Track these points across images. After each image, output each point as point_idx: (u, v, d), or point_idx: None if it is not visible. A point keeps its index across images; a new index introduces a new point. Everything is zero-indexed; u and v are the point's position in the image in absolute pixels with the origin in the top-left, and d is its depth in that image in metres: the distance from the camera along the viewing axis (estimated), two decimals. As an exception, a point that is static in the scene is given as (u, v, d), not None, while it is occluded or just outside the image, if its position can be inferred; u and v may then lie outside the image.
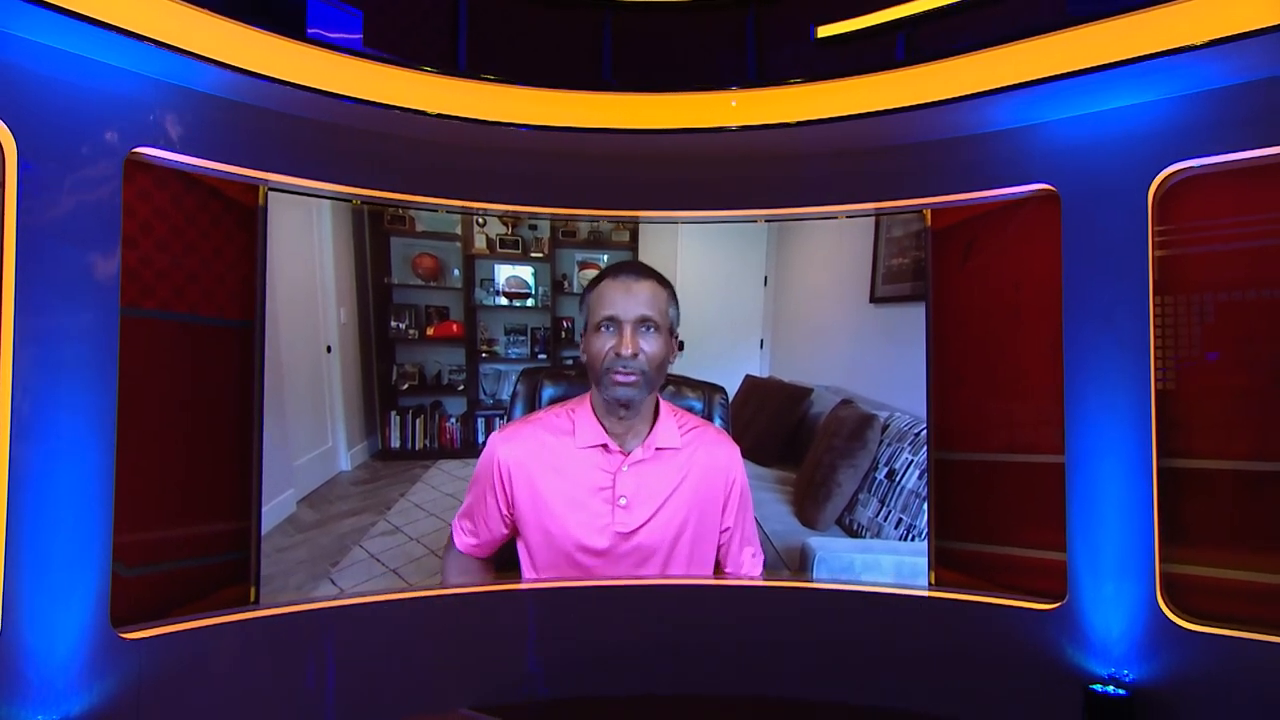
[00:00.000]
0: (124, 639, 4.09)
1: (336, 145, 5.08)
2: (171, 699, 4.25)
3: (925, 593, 5.38)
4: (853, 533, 5.64)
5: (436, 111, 4.95)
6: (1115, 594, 4.65)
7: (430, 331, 5.73)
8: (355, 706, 4.99)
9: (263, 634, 4.71)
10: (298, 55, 4.54)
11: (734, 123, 5.19)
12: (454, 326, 5.82)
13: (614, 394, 4.92)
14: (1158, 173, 4.64)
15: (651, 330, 4.94)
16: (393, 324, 5.61)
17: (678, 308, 5.21)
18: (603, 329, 4.94)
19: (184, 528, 4.65)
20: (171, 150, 4.41)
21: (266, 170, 4.88)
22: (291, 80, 4.47)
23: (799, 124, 5.12)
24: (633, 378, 4.87)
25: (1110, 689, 4.53)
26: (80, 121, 4.04)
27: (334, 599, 5.06)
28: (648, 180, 5.80)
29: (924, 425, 5.47)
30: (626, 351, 4.83)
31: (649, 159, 5.68)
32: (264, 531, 4.89)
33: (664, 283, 5.15)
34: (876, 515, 5.61)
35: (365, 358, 5.49)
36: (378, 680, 5.09)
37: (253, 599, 4.86)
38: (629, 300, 4.93)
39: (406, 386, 5.64)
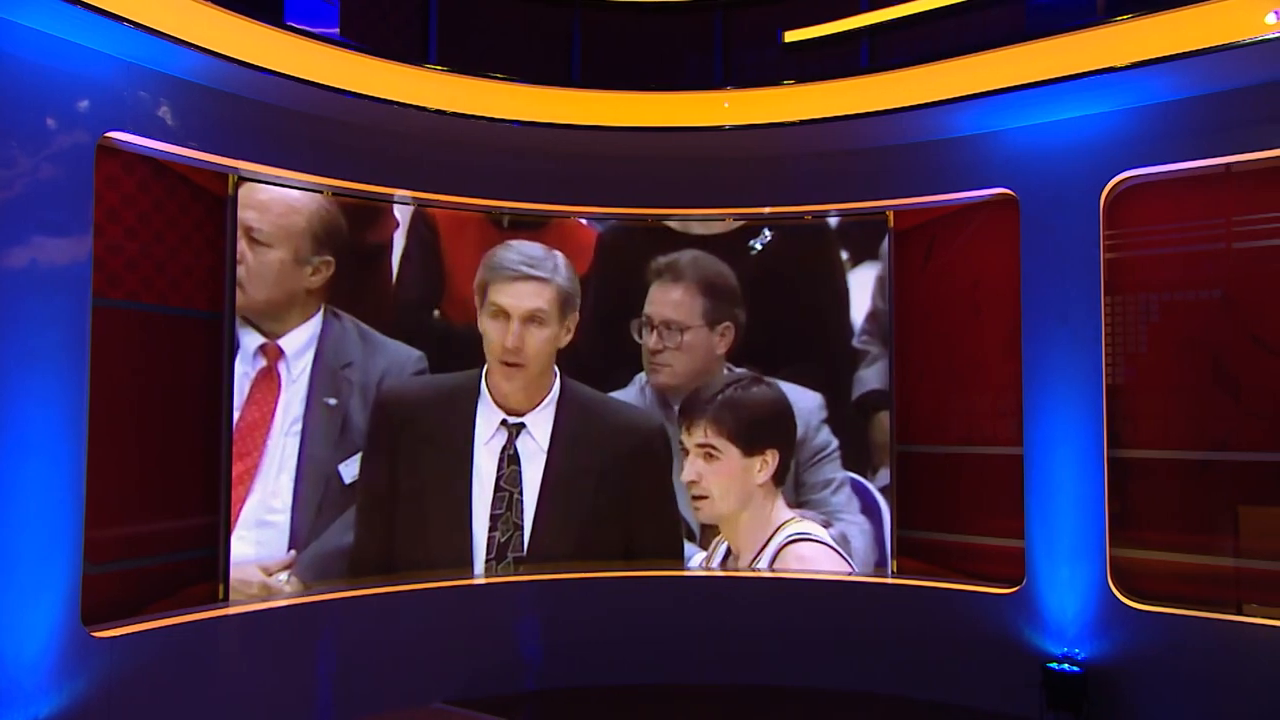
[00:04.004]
0: (95, 637, 3.96)
1: (309, 134, 5.01)
2: (144, 698, 4.13)
3: (889, 580, 5.58)
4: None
5: (430, 106, 4.98)
6: (1069, 578, 4.91)
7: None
8: (332, 701, 4.92)
9: (235, 631, 4.61)
10: (274, 42, 4.48)
11: (723, 123, 5.33)
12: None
13: None
14: (1108, 179, 4.94)
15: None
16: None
17: None
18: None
19: (151, 524, 4.52)
20: (144, 135, 4.29)
21: (238, 158, 4.78)
22: (268, 66, 4.40)
23: (776, 125, 5.28)
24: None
25: (1065, 667, 4.79)
26: (53, 103, 3.91)
27: (304, 595, 4.98)
28: (618, 177, 5.88)
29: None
30: None
31: (616, 158, 5.74)
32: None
33: None
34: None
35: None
36: (352, 675, 5.02)
37: (221, 596, 4.75)
38: None
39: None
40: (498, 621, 5.52)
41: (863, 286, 5.83)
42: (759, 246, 5.98)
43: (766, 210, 5.99)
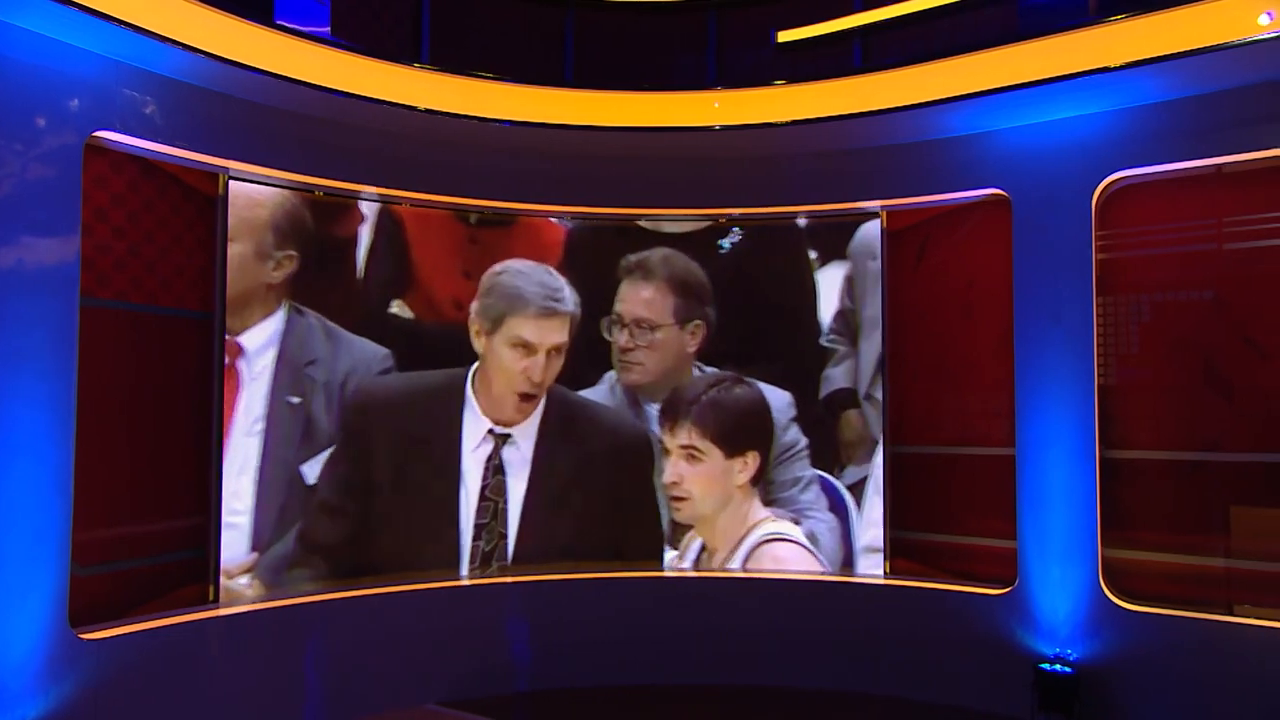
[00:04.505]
0: (83, 639, 3.94)
1: (300, 134, 4.99)
2: (131, 700, 4.10)
3: (881, 580, 5.58)
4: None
5: (421, 106, 4.95)
6: (1061, 578, 4.91)
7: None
8: (323, 703, 4.90)
9: (224, 633, 4.59)
10: (264, 41, 4.45)
11: (714, 123, 5.33)
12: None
13: None
14: (1100, 180, 4.93)
15: None
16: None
17: None
18: None
19: (140, 525, 4.50)
20: (132, 134, 4.27)
21: (228, 157, 4.75)
22: (258, 66, 4.38)
23: (768, 125, 5.28)
24: None
25: (1057, 667, 4.79)
26: (39, 102, 3.88)
27: (295, 597, 4.95)
28: (609, 177, 5.86)
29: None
30: None
31: (606, 157, 5.71)
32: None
33: None
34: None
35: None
36: (344, 677, 5.01)
37: (212, 597, 4.73)
38: None
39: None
40: (490, 622, 5.51)
41: (831, 285, 5.85)
42: (728, 245, 5.97)
43: (759, 211, 5.98)
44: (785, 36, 5.92)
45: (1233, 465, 4.65)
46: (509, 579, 5.61)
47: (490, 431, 5.63)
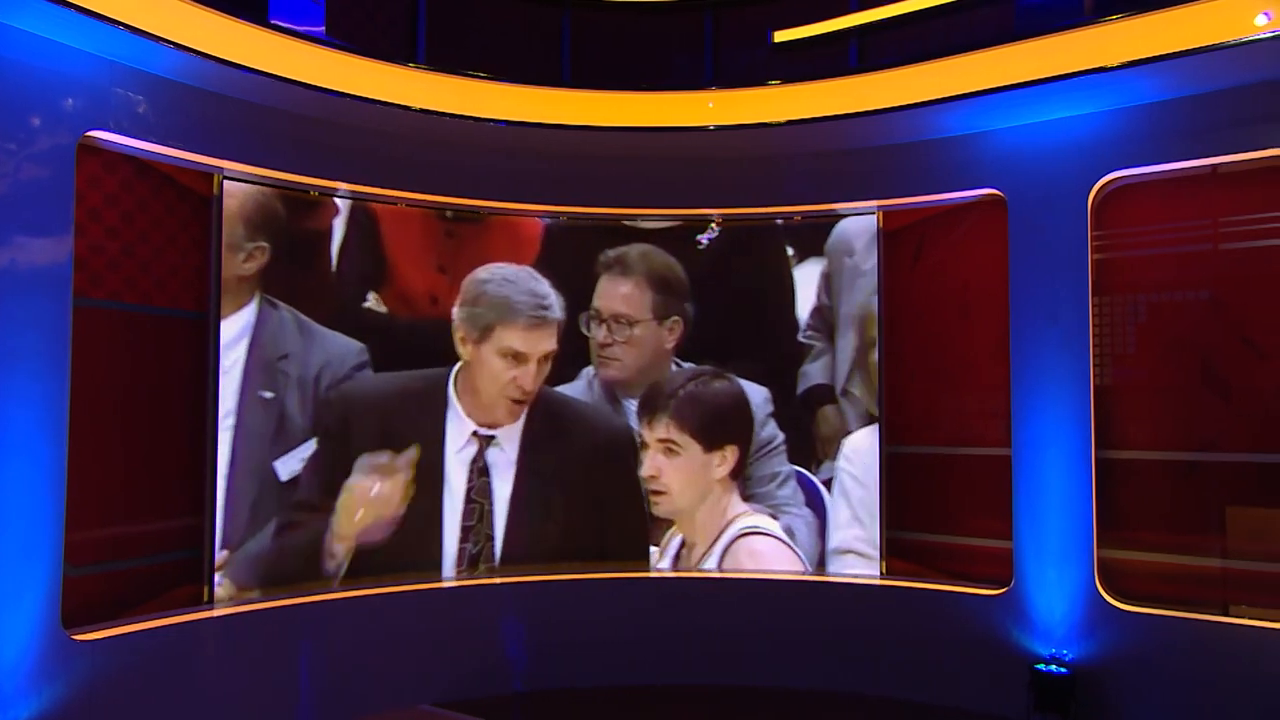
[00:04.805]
0: (75, 640, 3.93)
1: (295, 134, 4.98)
2: (124, 701, 4.09)
3: (877, 581, 5.57)
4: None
5: (416, 106, 4.95)
6: (1057, 579, 4.91)
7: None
8: (316, 704, 4.89)
9: (218, 633, 4.58)
10: (259, 40, 4.45)
11: (708, 123, 5.32)
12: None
13: None
14: (1096, 180, 4.93)
15: None
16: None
17: None
18: None
19: (134, 525, 4.49)
20: (126, 134, 4.26)
21: (222, 157, 4.75)
22: (253, 66, 4.37)
23: (763, 125, 5.27)
24: None
25: (1053, 668, 4.78)
26: (32, 102, 3.87)
27: (288, 598, 4.94)
28: (604, 177, 5.85)
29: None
30: None
31: (598, 157, 5.70)
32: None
33: None
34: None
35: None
36: (337, 677, 5.00)
37: (206, 598, 4.72)
38: None
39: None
40: (483, 623, 5.50)
41: (808, 282, 5.87)
42: (706, 241, 5.97)
43: (756, 210, 5.97)
44: (781, 36, 5.92)
45: (1228, 465, 4.64)
46: (499, 580, 5.60)
47: (475, 434, 5.61)
